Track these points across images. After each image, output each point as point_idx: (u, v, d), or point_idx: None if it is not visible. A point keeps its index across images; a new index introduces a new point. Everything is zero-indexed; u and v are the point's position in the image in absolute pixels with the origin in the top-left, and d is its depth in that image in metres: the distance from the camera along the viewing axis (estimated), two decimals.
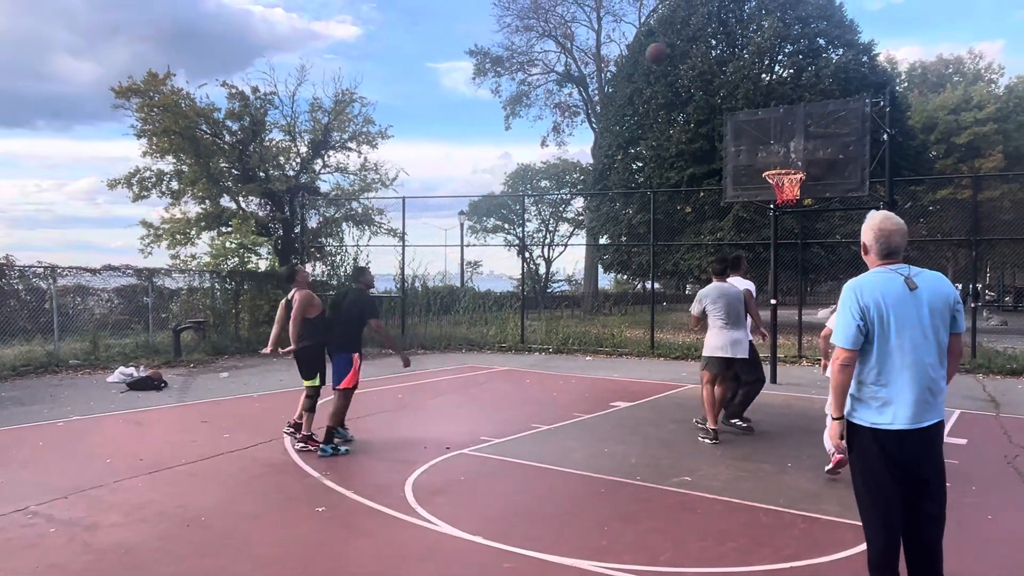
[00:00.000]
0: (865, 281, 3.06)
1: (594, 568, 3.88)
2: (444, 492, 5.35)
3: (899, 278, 3.01)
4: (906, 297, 2.98)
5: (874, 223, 3.13)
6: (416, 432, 7.13)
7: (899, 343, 2.96)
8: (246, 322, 15.74)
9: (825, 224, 19.60)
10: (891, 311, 2.96)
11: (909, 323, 2.96)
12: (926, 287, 3.01)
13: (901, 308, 2.97)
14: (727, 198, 11.40)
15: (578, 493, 5.33)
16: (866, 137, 9.75)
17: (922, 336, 2.97)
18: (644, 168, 22.48)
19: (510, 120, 38.27)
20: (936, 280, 3.07)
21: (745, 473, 5.84)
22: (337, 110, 19.53)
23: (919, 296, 2.98)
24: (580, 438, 7.19)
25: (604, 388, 10.44)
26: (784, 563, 3.96)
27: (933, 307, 2.99)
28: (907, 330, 2.96)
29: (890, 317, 2.96)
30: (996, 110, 35.58)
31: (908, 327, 2.96)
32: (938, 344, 3.01)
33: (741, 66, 20.52)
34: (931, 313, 2.98)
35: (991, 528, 4.61)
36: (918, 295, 2.98)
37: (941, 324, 3.01)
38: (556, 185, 43.67)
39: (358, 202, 19.93)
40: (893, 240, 3.08)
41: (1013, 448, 6.80)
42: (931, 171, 26.62)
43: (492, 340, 16.49)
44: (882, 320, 2.97)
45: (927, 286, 3.02)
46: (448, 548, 4.24)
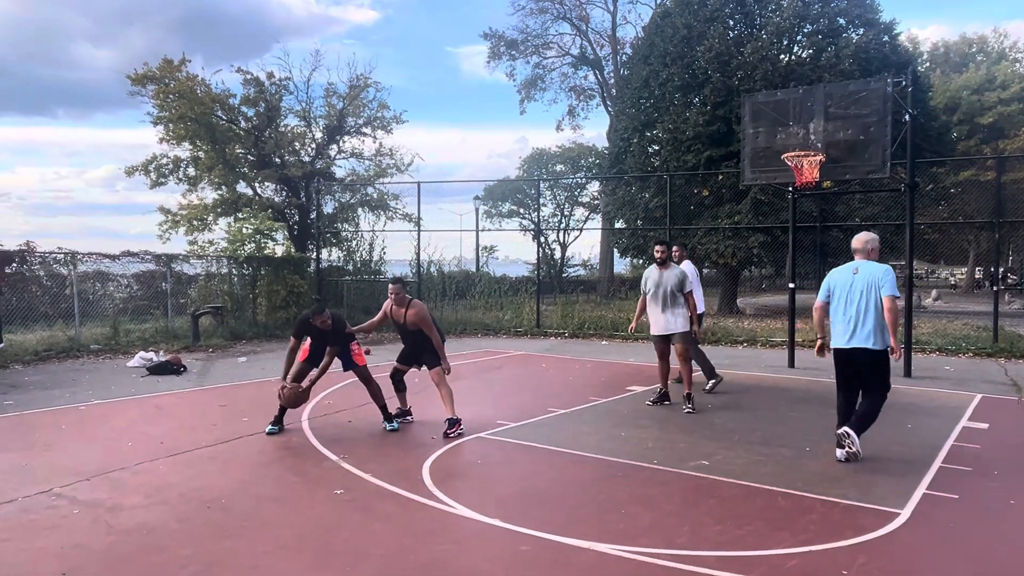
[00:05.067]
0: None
1: (611, 551, 3.88)
2: (461, 475, 5.37)
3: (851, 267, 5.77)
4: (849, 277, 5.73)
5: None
6: (433, 416, 7.15)
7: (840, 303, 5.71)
8: (263, 307, 15.86)
9: (844, 207, 19.35)
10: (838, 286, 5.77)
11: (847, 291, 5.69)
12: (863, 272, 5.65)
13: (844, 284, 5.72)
14: (745, 181, 11.27)
15: (595, 477, 5.33)
16: (887, 118, 9.57)
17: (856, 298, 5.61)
18: (660, 151, 22.26)
19: (525, 104, 38.08)
20: (871, 267, 5.66)
21: (763, 457, 5.80)
22: (352, 95, 19.53)
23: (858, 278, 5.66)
24: (596, 422, 7.18)
25: (620, 372, 10.42)
26: (801, 547, 3.93)
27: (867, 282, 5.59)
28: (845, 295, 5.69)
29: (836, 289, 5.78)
30: (1021, 89, 34.84)
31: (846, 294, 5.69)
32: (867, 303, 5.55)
33: (759, 47, 20.19)
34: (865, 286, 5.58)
35: (1014, 513, 4.55)
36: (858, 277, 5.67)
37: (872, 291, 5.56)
38: (571, 169, 43.41)
39: (373, 187, 19.97)
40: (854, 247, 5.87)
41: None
42: (953, 152, 26.20)
43: (508, 325, 16.50)
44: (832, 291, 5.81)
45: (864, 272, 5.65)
46: (465, 531, 4.25)
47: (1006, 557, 3.88)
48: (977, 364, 11.33)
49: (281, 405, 6.65)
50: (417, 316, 6.63)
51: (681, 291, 7.70)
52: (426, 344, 6.72)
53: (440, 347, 6.70)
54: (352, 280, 17.90)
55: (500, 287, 19.46)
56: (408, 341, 6.91)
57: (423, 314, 6.67)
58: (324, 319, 6.50)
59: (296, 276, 16.05)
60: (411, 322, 6.65)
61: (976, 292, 37.09)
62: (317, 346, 6.68)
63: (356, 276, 18.09)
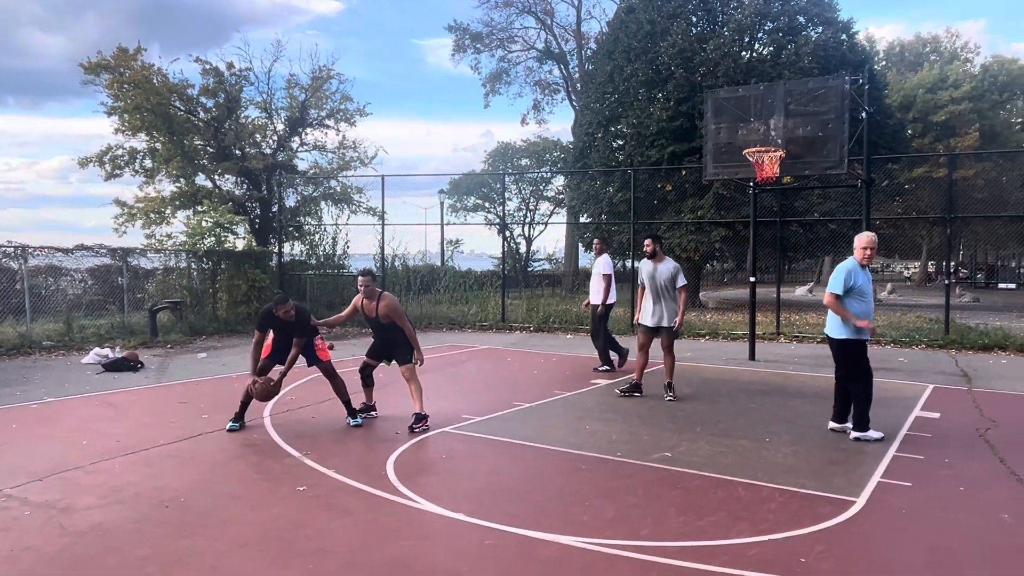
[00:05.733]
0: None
1: (575, 544, 3.90)
2: (426, 471, 5.36)
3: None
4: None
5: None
6: (397, 411, 7.11)
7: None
8: (224, 302, 15.58)
9: (804, 202, 19.71)
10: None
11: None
12: None
13: None
14: (707, 176, 11.40)
15: (559, 470, 5.36)
16: (845, 115, 9.77)
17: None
18: (625, 146, 22.41)
19: (490, 98, 38.01)
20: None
21: (724, 448, 5.89)
22: (314, 87, 19.26)
23: None
24: (561, 415, 7.22)
25: (585, 366, 10.48)
26: (761, 536, 4.01)
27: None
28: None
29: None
30: (971, 89, 35.89)
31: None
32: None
33: (721, 43, 20.43)
34: None
35: (963, 499, 4.70)
36: None
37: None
38: (537, 163, 43.46)
39: (336, 180, 19.74)
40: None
41: (984, 421, 6.94)
42: (908, 149, 26.84)
43: (473, 319, 16.48)
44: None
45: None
46: (430, 526, 4.24)
47: (956, 542, 4.01)
48: (929, 355, 11.66)
49: (242, 401, 6.55)
50: (389, 308, 6.56)
51: (674, 286, 7.86)
52: (397, 337, 6.66)
53: (413, 338, 6.64)
54: (315, 274, 17.68)
55: (465, 281, 19.42)
56: (379, 335, 6.85)
57: (395, 306, 6.60)
58: (287, 309, 6.41)
59: (258, 270, 15.79)
60: (383, 315, 6.58)
61: (929, 285, 38.19)
62: (281, 340, 6.57)
63: (319, 270, 17.87)
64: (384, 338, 6.79)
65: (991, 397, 8.20)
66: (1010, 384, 9.05)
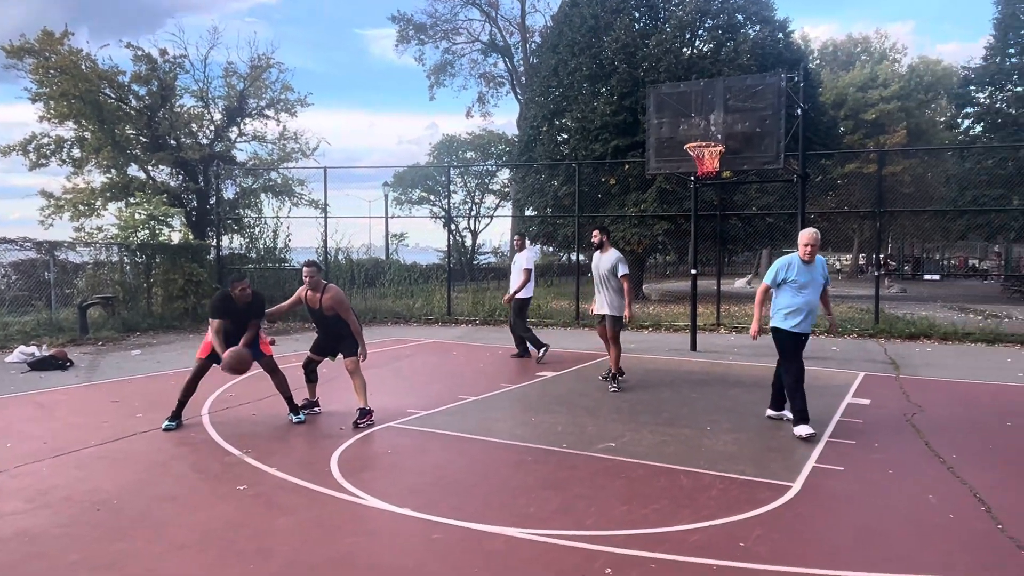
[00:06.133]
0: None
1: (522, 535, 3.92)
2: (371, 466, 5.30)
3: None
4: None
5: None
6: (341, 406, 7.01)
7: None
8: (159, 297, 15.06)
9: (743, 196, 20.20)
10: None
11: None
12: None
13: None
14: (650, 170, 11.57)
15: (505, 462, 5.37)
16: (781, 111, 10.05)
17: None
18: (570, 140, 22.57)
19: (434, 90, 37.78)
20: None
21: (667, 438, 6.01)
22: (253, 76, 18.73)
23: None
24: (507, 408, 7.23)
25: (531, 359, 10.52)
26: (702, 522, 4.10)
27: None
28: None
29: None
30: (899, 88, 37.38)
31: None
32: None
33: (663, 39, 20.75)
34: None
35: (892, 481, 4.90)
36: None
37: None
38: (482, 156, 43.41)
39: (277, 172, 19.28)
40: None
41: (911, 407, 7.25)
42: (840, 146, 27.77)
43: (418, 313, 16.37)
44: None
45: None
46: (376, 522, 4.19)
47: (886, 522, 4.18)
48: (860, 344, 12.12)
49: (180, 399, 6.36)
50: (334, 300, 6.44)
51: (615, 275, 8.03)
52: (342, 331, 6.54)
53: (358, 332, 6.53)
54: (256, 268, 17.25)
55: (410, 274, 19.24)
56: (323, 328, 6.72)
57: (340, 298, 6.48)
58: (244, 286, 6.27)
59: (195, 264, 15.32)
60: (327, 307, 6.45)
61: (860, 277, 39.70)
62: (232, 329, 6.36)
63: (260, 264, 17.44)
64: (328, 331, 6.68)
65: (917, 383, 8.57)
66: (935, 371, 9.48)
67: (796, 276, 6.22)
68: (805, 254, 6.22)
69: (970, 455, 5.49)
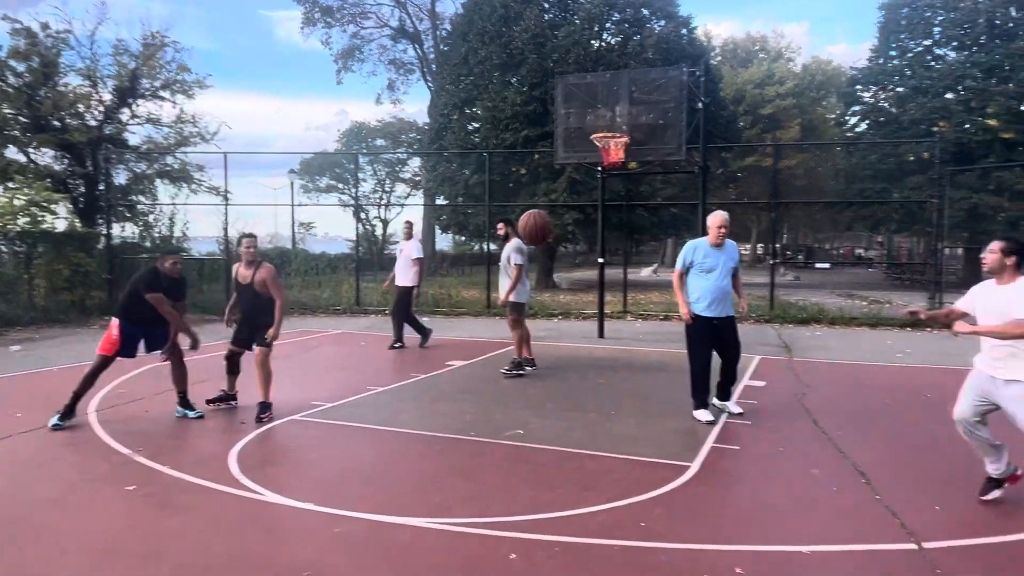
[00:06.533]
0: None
1: (428, 525, 3.90)
2: (272, 461, 5.14)
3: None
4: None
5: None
6: (244, 400, 6.76)
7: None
8: (42, 289, 14.06)
9: (648, 187, 20.75)
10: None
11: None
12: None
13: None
14: (558, 160, 11.71)
15: (413, 452, 5.33)
16: (683, 104, 10.36)
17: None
18: (480, 129, 22.54)
19: (342, 75, 36.90)
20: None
21: (574, 423, 6.11)
22: (146, 54, 17.71)
23: None
24: (416, 398, 7.17)
25: (440, 348, 10.48)
26: (606, 504, 4.20)
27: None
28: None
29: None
30: (794, 86, 39.29)
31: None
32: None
33: (572, 31, 20.99)
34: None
35: (784, 458, 5.17)
36: None
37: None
38: (392, 144, 42.76)
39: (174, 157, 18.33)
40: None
41: (801, 387, 7.67)
42: (740, 140, 28.97)
43: (326, 303, 15.99)
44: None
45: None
46: (275, 518, 4.07)
47: (776, 497, 4.40)
48: (757, 329, 12.70)
49: (75, 394, 5.94)
50: (268, 275, 6.27)
51: (509, 263, 8.18)
52: (262, 315, 6.31)
53: (283, 311, 6.34)
54: (151, 258, 16.37)
55: (318, 264, 18.80)
56: (246, 310, 6.49)
57: (275, 274, 6.34)
58: (175, 260, 6.05)
59: (82, 254, 14.37)
60: (259, 281, 6.26)
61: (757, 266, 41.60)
62: (149, 315, 6.03)
63: (155, 254, 16.56)
64: (249, 315, 6.45)
65: (808, 365, 9.07)
66: (823, 353, 10.06)
67: (703, 259, 6.16)
68: (717, 236, 6.15)
69: (852, 431, 5.85)
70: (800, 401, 7.01)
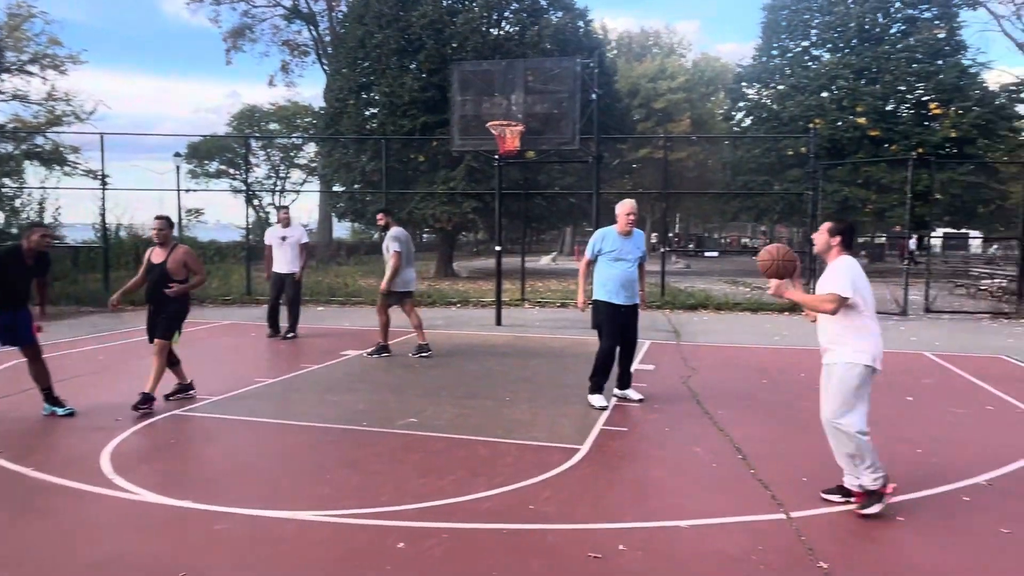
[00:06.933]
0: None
1: (314, 518, 3.81)
2: (150, 459, 4.87)
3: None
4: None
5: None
6: (118, 397, 6.37)
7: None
8: None
9: (546, 176, 21.01)
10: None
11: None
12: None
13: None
14: (454, 147, 11.67)
15: (301, 445, 5.19)
16: (578, 95, 10.54)
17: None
18: (378, 114, 22.12)
19: (232, 55, 35.25)
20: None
21: (468, 410, 6.13)
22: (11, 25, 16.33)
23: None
24: (307, 389, 6.99)
25: (335, 337, 10.25)
26: (496, 489, 4.24)
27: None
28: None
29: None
30: (685, 81, 40.81)
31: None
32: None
33: (471, 18, 20.90)
34: None
35: (668, 438, 5.38)
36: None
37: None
38: (287, 129, 41.27)
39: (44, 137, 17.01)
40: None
41: (688, 370, 8.00)
42: (634, 132, 29.80)
43: (215, 293, 15.29)
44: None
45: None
46: (151, 517, 3.86)
47: (661, 474, 4.58)
48: (648, 316, 13.13)
49: None
50: (187, 255, 6.18)
51: (388, 252, 8.56)
52: (169, 299, 6.08)
53: (198, 285, 6.42)
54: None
55: (207, 252, 17.95)
56: (152, 292, 6.17)
57: (193, 255, 6.24)
58: (44, 233, 5.79)
59: None
60: (177, 260, 6.09)
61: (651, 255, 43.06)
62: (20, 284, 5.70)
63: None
64: (157, 297, 6.15)
65: (694, 349, 9.48)
66: (709, 337, 10.54)
67: (611, 247, 6.17)
68: (626, 224, 6.15)
69: (732, 410, 6.16)
70: (686, 383, 7.32)
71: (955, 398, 6.72)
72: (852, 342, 3.93)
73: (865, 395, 3.94)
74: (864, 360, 3.90)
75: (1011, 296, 14.26)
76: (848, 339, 3.95)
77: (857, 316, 3.94)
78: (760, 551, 3.47)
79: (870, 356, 3.91)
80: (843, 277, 3.93)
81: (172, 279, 6.09)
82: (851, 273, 3.95)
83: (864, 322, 3.95)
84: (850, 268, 3.98)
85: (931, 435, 5.48)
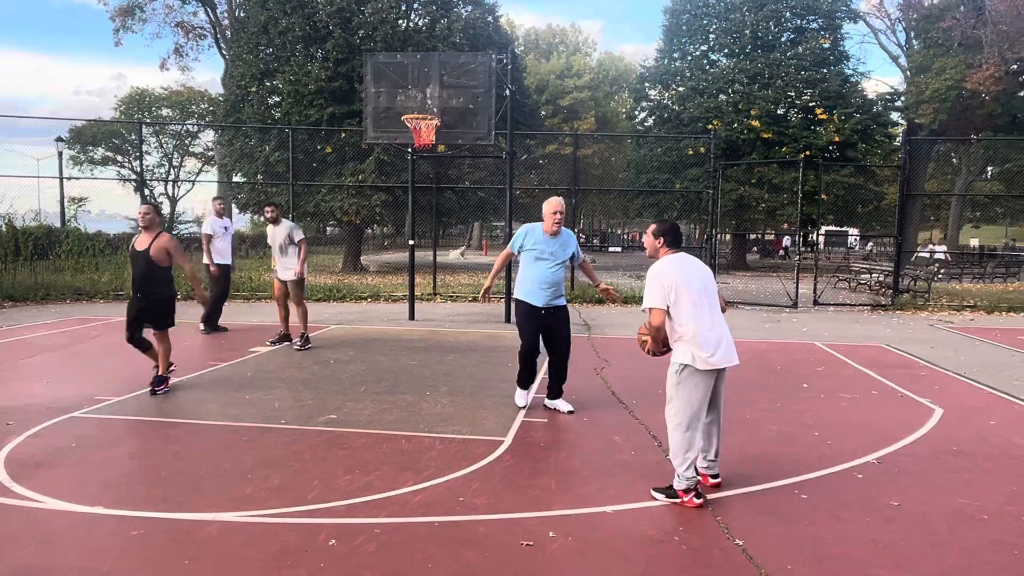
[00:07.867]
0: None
1: (236, 519, 3.71)
2: (50, 464, 4.58)
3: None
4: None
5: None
6: (5, 400, 5.94)
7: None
8: None
9: (457, 170, 20.99)
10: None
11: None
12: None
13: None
14: (367, 140, 11.48)
15: (218, 445, 5.01)
16: (492, 90, 10.60)
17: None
18: (282, 103, 21.41)
19: (120, 35, 33.17)
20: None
21: (388, 405, 6.09)
22: None
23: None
24: (217, 388, 6.73)
25: (242, 334, 9.91)
26: (424, 483, 4.25)
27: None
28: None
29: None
30: (590, 79, 41.71)
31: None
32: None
33: (380, 8, 20.56)
34: None
35: (585, 427, 5.55)
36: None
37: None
38: (181, 115, 39.31)
39: None
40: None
41: (600, 361, 8.25)
42: (542, 128, 30.21)
43: (106, 288, 14.42)
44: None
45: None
46: (57, 526, 3.65)
47: (581, 463, 4.73)
48: None
49: None
50: (170, 243, 6.11)
51: (293, 242, 8.72)
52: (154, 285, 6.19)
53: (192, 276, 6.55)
54: None
55: (95, 245, 16.83)
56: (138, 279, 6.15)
57: (175, 242, 6.18)
58: None
59: None
60: (160, 247, 6.04)
61: None
62: None
63: None
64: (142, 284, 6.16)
65: (604, 341, 9.76)
66: (617, 330, 10.88)
67: (533, 246, 5.85)
68: (552, 224, 5.81)
69: (645, 399, 6.40)
70: (600, 374, 7.54)
71: (844, 384, 7.24)
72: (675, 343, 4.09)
73: (687, 394, 4.07)
74: (684, 359, 4.05)
75: (887, 290, 15.45)
76: (673, 339, 4.10)
77: (677, 315, 4.02)
78: (682, 532, 3.66)
79: (690, 356, 4.02)
80: (650, 289, 4.02)
81: (156, 267, 6.12)
82: (659, 279, 3.99)
83: (681, 321, 4.00)
84: (658, 274, 4.01)
85: (826, 419, 5.89)
